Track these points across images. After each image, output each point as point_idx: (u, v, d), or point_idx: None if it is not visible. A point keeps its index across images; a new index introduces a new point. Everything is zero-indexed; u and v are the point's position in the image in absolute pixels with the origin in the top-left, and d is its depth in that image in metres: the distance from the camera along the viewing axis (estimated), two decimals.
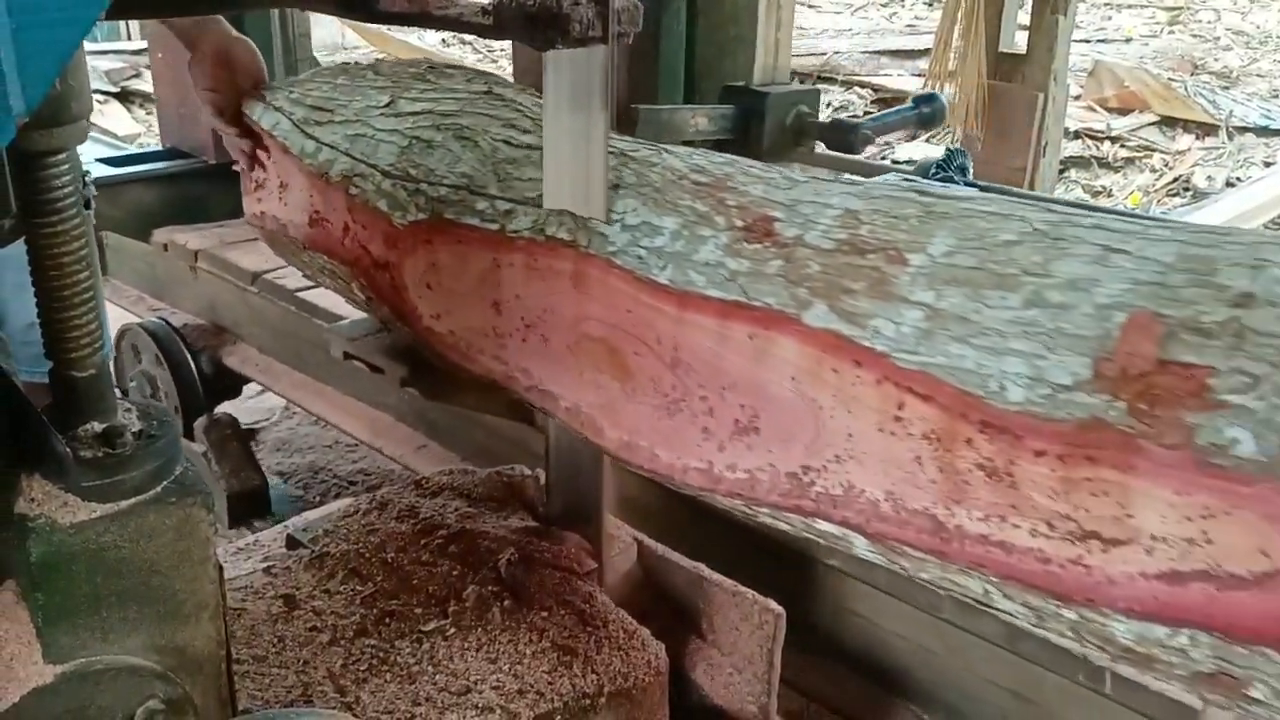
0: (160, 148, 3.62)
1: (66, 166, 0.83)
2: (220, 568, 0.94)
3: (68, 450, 0.84)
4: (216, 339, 2.93)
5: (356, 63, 1.81)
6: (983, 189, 1.04)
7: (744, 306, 1.09)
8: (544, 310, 1.33)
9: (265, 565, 1.52)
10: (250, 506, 2.72)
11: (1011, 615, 1.04)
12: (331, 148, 1.53)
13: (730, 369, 1.13)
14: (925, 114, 2.78)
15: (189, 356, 2.87)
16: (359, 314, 1.72)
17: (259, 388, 3.19)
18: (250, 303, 2.80)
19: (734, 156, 1.32)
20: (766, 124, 2.18)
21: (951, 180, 2.70)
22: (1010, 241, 1.01)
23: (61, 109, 0.79)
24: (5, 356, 1.56)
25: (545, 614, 1.43)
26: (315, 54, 3.56)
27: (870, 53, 7.85)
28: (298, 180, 1.60)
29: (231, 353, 2.90)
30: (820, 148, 2.48)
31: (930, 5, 9.37)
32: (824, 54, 7.82)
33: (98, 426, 0.87)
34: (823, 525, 1.10)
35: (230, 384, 2.98)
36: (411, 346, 1.55)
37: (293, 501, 2.93)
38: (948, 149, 6.34)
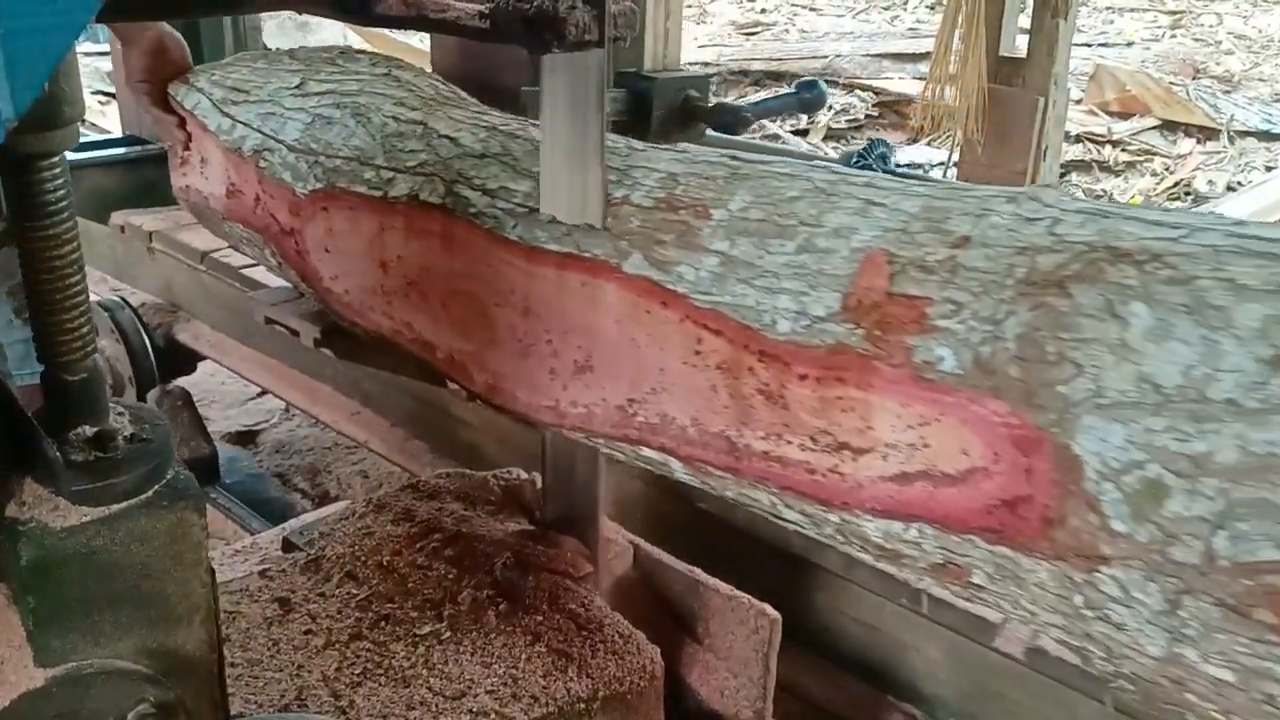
0: (120, 135, 3.68)
1: (58, 170, 0.82)
2: (212, 571, 0.94)
3: (59, 454, 0.84)
4: (171, 316, 3.05)
5: (277, 49, 1.98)
6: (900, 177, 1.15)
7: (576, 258, 1.28)
8: (421, 268, 1.49)
9: (261, 568, 1.52)
10: (200, 474, 2.79)
11: (796, 525, 1.20)
12: (245, 125, 1.70)
13: (568, 315, 1.30)
14: (805, 99, 3.00)
15: (144, 333, 2.97)
16: (282, 282, 1.87)
17: (258, 390, 3.20)
18: (201, 281, 2.91)
19: (610, 135, 1.43)
20: (655, 107, 2.30)
21: (870, 169, 2.78)
22: (794, 197, 1.18)
23: (53, 113, 0.79)
24: (1, 359, 1.56)
25: (541, 618, 1.43)
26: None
27: (871, 56, 7.85)
28: (215, 156, 1.77)
29: (185, 329, 3.02)
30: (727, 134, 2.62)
31: (931, 9, 9.38)
32: (825, 57, 7.82)
33: (89, 430, 0.87)
34: (645, 451, 1.27)
35: (184, 359, 3.08)
36: (324, 311, 1.71)
37: (246, 469, 3.05)
38: (870, 140, 6.46)
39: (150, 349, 2.97)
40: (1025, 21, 4.95)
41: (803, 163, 1.27)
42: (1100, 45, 8.32)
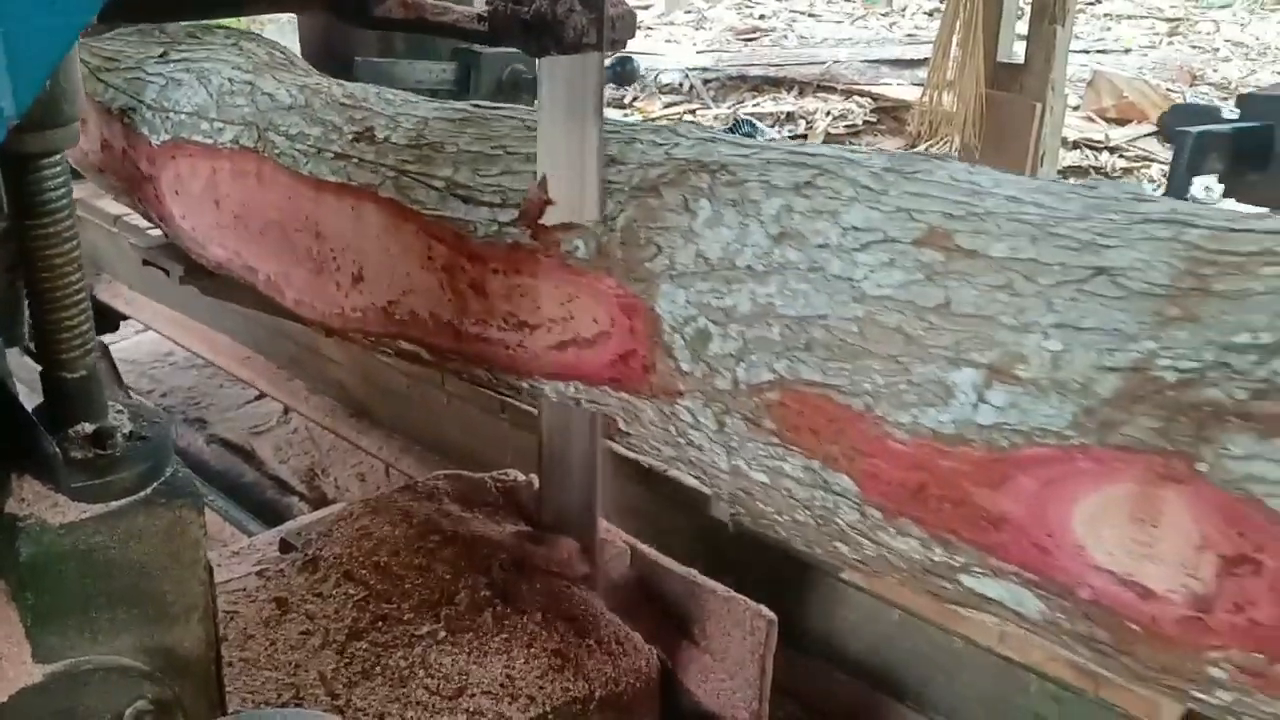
0: None
1: (58, 169, 0.83)
2: (210, 569, 0.94)
3: (58, 451, 0.85)
4: (92, 277, 3.14)
5: (153, 25, 2.28)
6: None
7: (348, 186, 1.59)
8: (242, 203, 1.81)
9: (258, 568, 1.52)
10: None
11: (508, 398, 1.60)
12: (115, 88, 2.06)
13: (345, 234, 1.61)
14: (619, 72, 3.26)
15: None
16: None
17: (256, 394, 3.20)
18: (117, 243, 2.99)
19: (391, 91, 1.78)
20: (483, 79, 2.52)
21: None
22: (510, 134, 1.51)
23: (53, 112, 0.80)
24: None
25: (538, 619, 1.43)
26: None
27: (870, 62, 7.87)
28: (93, 116, 2.11)
29: (104, 289, 3.19)
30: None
31: (930, 15, 9.40)
32: (824, 63, 7.83)
33: (88, 427, 0.88)
34: (403, 344, 1.61)
35: (105, 317, 3.19)
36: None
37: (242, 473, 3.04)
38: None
39: None
40: (1023, 28, 4.97)
41: (528, 111, 1.59)
42: (1098, 52, 8.34)
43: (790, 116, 7.15)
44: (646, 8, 10.05)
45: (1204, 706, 1.05)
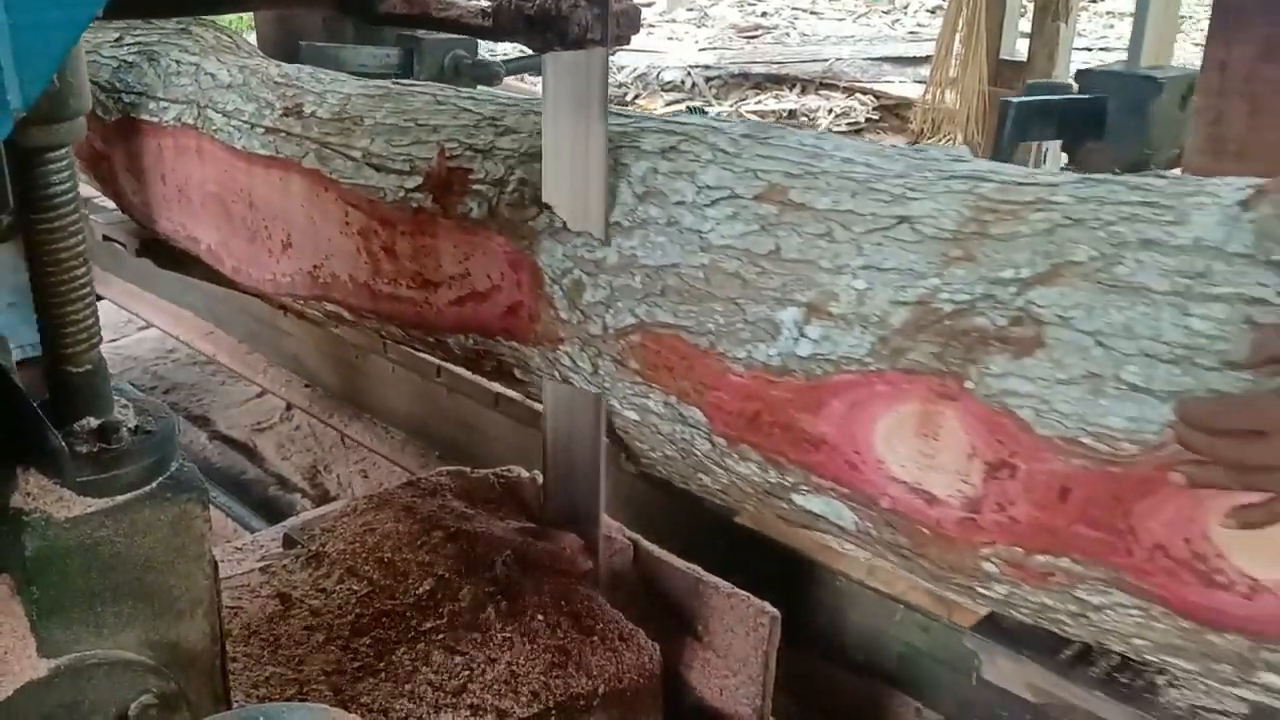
0: None
1: (65, 163, 0.83)
2: (215, 563, 0.94)
3: (64, 445, 0.85)
4: None
5: None
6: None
7: (276, 159, 1.73)
8: (185, 178, 1.99)
9: (262, 564, 1.52)
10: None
11: (420, 350, 1.72)
12: None
13: (274, 203, 1.76)
14: (471, 67, 3.27)
15: None
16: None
17: (258, 391, 3.20)
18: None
19: (324, 70, 1.95)
20: (426, 63, 2.60)
21: None
22: (423, 108, 1.64)
23: (59, 105, 0.80)
24: (4, 354, 1.56)
25: (541, 615, 1.43)
26: None
27: (872, 59, 7.86)
28: None
29: None
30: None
31: (932, 13, 9.39)
32: (826, 61, 7.83)
33: (93, 422, 0.88)
34: (328, 306, 1.77)
35: None
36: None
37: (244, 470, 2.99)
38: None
39: None
40: (1026, 25, 4.97)
41: (450, 89, 1.76)
42: (1100, 49, 8.33)
43: (792, 114, 7.14)
44: (649, 5, 10.04)
45: (988, 602, 1.17)
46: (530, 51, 1.35)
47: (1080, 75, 2.90)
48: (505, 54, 2.95)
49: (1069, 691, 1.17)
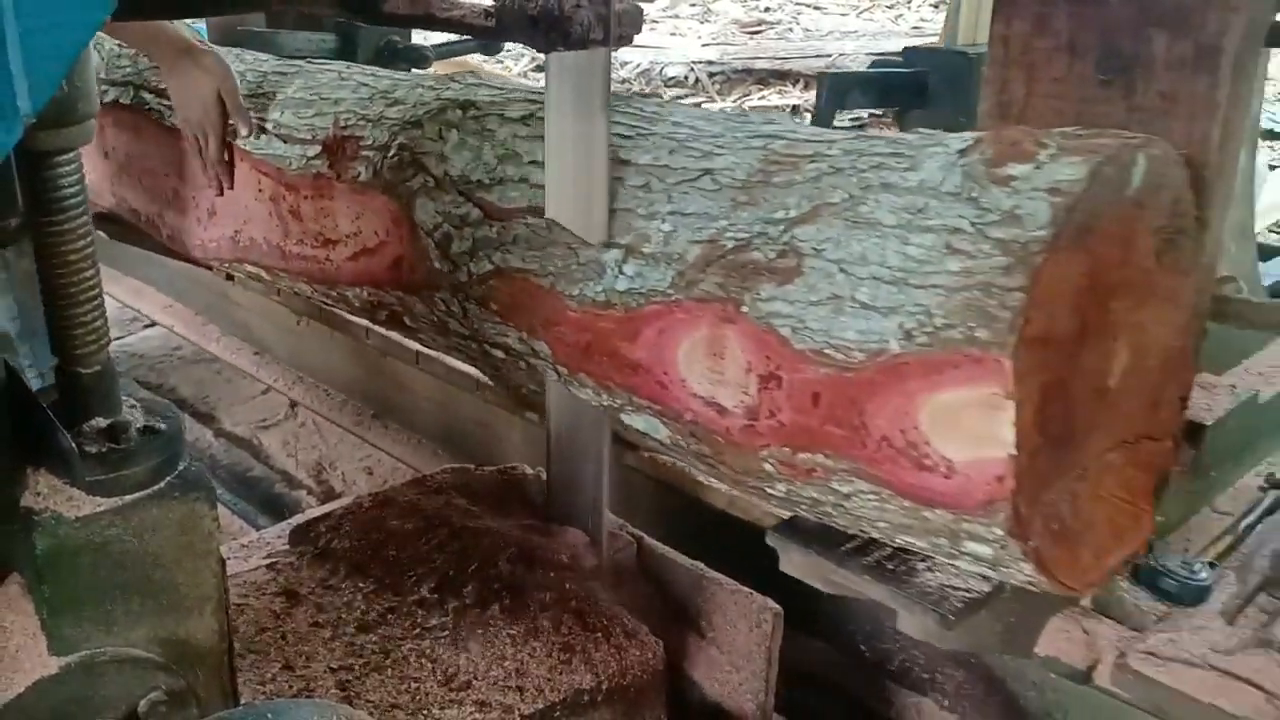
0: None
1: (73, 166, 0.84)
2: (222, 561, 0.95)
3: (73, 445, 0.85)
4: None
5: None
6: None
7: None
8: (126, 154, 2.22)
9: (268, 561, 1.53)
10: None
11: (328, 304, 1.96)
12: None
13: (200, 176, 1.95)
14: (483, 43, 3.36)
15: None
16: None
17: (263, 388, 3.21)
18: None
19: (250, 52, 2.16)
20: (361, 48, 2.70)
21: None
22: (328, 83, 1.86)
23: (68, 110, 0.80)
24: (12, 354, 1.58)
25: (545, 611, 1.44)
26: None
27: (876, 55, 7.84)
28: None
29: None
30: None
31: (935, 7, 9.37)
32: (830, 56, 7.82)
33: (103, 422, 0.89)
34: (248, 267, 2.00)
35: None
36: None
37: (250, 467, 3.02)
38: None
39: None
40: None
41: (356, 67, 1.95)
42: None
43: (796, 110, 7.14)
44: (651, 0, 10.03)
45: (777, 501, 1.37)
46: (465, 39, 1.41)
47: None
48: (437, 41, 3.01)
49: (846, 578, 1.38)
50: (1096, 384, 1.23)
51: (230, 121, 1.85)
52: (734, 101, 7.38)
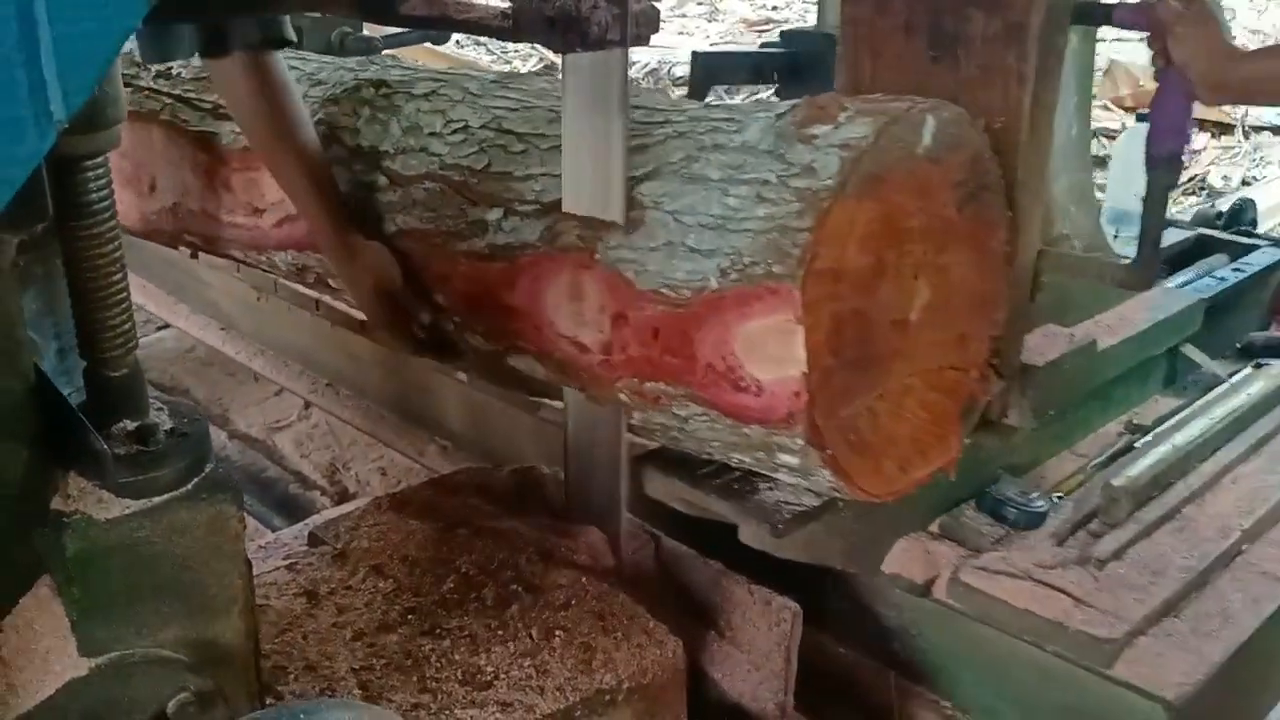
0: None
1: (102, 171, 0.84)
2: (249, 563, 0.96)
3: (104, 447, 0.86)
4: None
5: None
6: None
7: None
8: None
9: (288, 562, 1.54)
10: None
11: (262, 269, 2.06)
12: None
13: (142, 153, 2.05)
14: (431, 35, 3.39)
15: None
16: None
17: (276, 389, 3.21)
18: None
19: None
20: (314, 38, 2.72)
21: None
22: None
23: (97, 115, 0.81)
24: (40, 357, 1.58)
25: (564, 611, 1.44)
26: None
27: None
28: None
29: None
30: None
31: None
32: None
33: (131, 424, 0.89)
34: (187, 237, 2.09)
35: None
36: None
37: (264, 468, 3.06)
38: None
39: None
40: None
41: (295, 54, 1.99)
42: (1115, 40, 8.28)
43: None
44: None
45: (639, 431, 1.57)
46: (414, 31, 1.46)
47: (782, 34, 3.46)
48: (386, 32, 3.10)
49: (697, 497, 1.60)
50: (896, 316, 1.39)
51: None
52: (741, 99, 7.36)
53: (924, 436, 1.46)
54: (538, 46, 1.49)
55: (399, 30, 2.98)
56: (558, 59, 1.44)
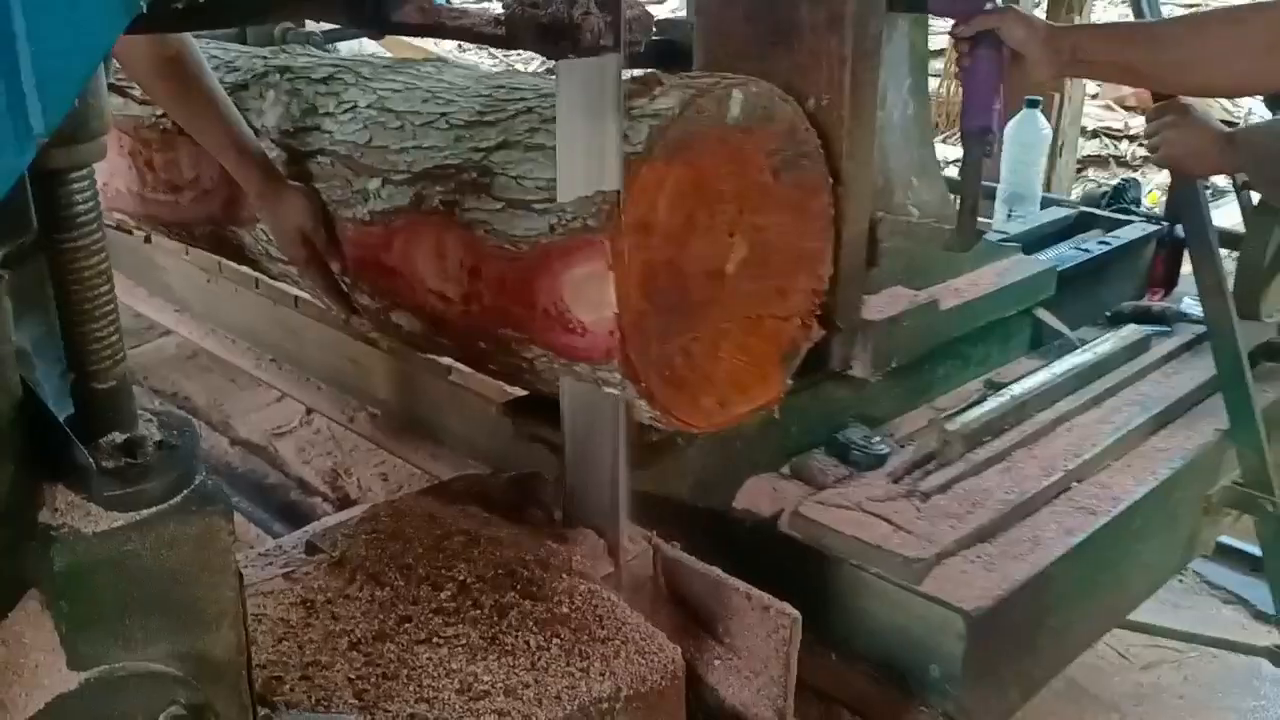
0: None
1: (87, 183, 0.84)
2: (240, 575, 0.95)
3: (91, 460, 0.85)
4: None
5: None
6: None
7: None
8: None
9: (285, 571, 1.53)
10: None
11: (186, 241, 2.35)
12: None
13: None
14: (372, 34, 3.54)
15: None
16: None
17: (277, 395, 3.21)
18: None
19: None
20: (250, 33, 2.88)
21: None
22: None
23: (80, 127, 0.80)
24: (28, 369, 1.58)
25: (563, 619, 1.44)
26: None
27: None
28: None
29: None
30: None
31: None
32: None
33: (119, 437, 0.89)
34: (116, 215, 2.33)
35: None
36: None
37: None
38: None
39: None
40: (1041, 16, 4.91)
41: (212, 44, 2.26)
42: None
43: None
44: (659, 3, 10.01)
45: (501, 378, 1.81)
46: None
47: (658, 21, 3.58)
48: (326, 27, 3.16)
49: (557, 436, 1.67)
50: (711, 268, 1.57)
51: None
52: None
53: (744, 377, 1.64)
54: None
55: (335, 27, 3.04)
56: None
